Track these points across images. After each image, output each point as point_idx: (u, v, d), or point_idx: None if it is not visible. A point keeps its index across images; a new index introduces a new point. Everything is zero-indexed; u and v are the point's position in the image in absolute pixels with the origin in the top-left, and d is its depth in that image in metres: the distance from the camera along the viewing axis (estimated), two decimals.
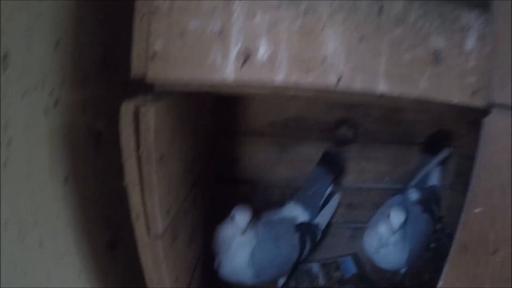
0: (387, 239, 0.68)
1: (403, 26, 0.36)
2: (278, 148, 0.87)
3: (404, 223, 0.68)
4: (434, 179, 0.88)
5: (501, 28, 0.38)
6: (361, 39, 0.35)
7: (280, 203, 0.81)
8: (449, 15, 0.37)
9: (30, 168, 0.38)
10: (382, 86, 0.35)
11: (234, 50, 0.33)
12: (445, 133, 0.88)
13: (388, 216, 0.67)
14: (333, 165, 0.84)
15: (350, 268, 0.85)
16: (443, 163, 0.88)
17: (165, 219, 0.38)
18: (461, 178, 0.91)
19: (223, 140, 0.82)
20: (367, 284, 0.80)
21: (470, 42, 0.38)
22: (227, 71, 0.33)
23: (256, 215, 0.68)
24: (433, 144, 0.88)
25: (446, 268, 0.51)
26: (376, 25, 0.35)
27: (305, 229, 0.76)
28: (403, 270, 0.79)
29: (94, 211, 0.48)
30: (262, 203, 0.83)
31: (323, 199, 0.83)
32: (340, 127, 0.86)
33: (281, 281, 0.76)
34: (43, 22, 0.40)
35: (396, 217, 0.67)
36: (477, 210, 0.47)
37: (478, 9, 0.40)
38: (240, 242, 0.64)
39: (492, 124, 0.39)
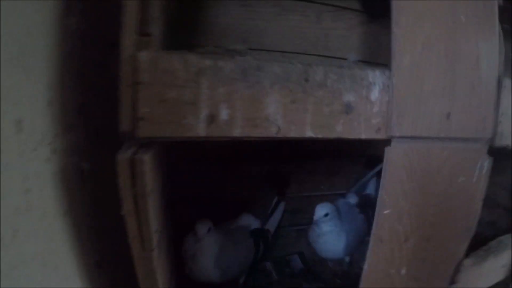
0: (320, 229, 0.88)
1: (324, 88, 0.53)
2: (227, 169, 1.04)
3: (339, 217, 0.89)
4: (371, 188, 1.12)
5: (396, 82, 0.57)
6: (293, 101, 0.51)
7: (234, 215, 0.97)
8: (358, 76, 0.55)
9: (41, 207, 0.49)
10: (309, 133, 0.52)
11: (203, 114, 0.47)
12: (376, 156, 1.13)
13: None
14: (276, 180, 1.04)
15: (298, 264, 1.03)
16: (377, 175, 1.11)
17: (155, 237, 0.51)
18: None
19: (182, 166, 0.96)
20: (313, 276, 0.98)
21: (374, 94, 0.57)
22: (198, 129, 0.47)
23: (216, 226, 0.83)
24: (370, 161, 1.11)
25: (368, 256, 0.69)
26: (303, 90, 0.51)
27: (258, 234, 0.92)
28: (347, 259, 0.98)
29: (86, 238, 0.59)
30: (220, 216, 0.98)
31: (271, 208, 1.01)
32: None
33: (242, 279, 0.91)
34: (42, 86, 0.51)
35: (319, 211, 0.86)
36: (386, 212, 0.66)
37: (380, 69, 0.58)
38: (205, 249, 0.79)
39: (392, 150, 0.57)
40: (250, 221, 0.95)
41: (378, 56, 1.02)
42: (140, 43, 0.45)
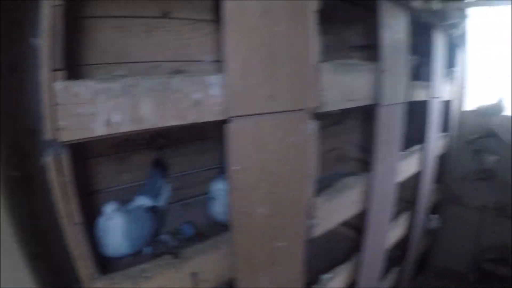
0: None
1: (180, 92, 0.85)
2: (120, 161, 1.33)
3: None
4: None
5: (228, 81, 0.91)
6: (160, 103, 0.82)
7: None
8: (203, 80, 0.88)
9: None
10: (172, 122, 0.84)
11: (101, 120, 0.76)
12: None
13: None
14: (161, 166, 1.36)
15: (189, 230, 1.37)
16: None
17: (79, 215, 0.78)
18: None
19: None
20: (204, 237, 1.27)
21: (215, 91, 0.90)
22: (99, 131, 0.76)
23: (120, 207, 1.11)
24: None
25: (229, 201, 1.02)
26: (166, 95, 0.83)
27: (153, 211, 1.22)
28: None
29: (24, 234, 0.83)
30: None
31: (160, 189, 1.33)
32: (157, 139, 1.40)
33: (146, 250, 1.21)
34: None
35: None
36: (234, 168, 0.99)
37: (218, 73, 0.92)
38: (113, 227, 1.06)
39: (231, 126, 0.92)
40: (145, 201, 1.26)
41: None
42: (54, 76, 0.71)
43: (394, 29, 1.60)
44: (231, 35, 0.91)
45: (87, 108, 0.74)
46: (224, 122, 0.93)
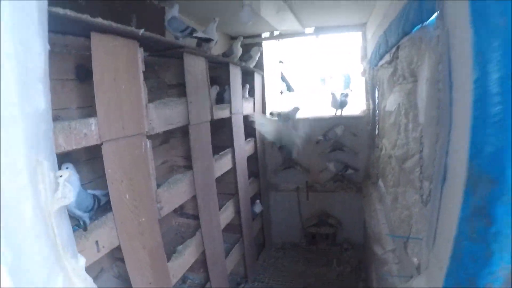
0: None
1: (74, 129, 1.62)
2: None
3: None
4: None
5: (98, 120, 1.71)
6: (62, 137, 1.58)
7: None
8: (86, 122, 1.67)
9: None
10: (74, 147, 1.60)
11: None
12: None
13: None
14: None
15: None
16: None
17: None
18: None
19: None
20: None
21: (91, 128, 1.70)
22: None
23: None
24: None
25: (109, 192, 1.81)
26: (68, 133, 1.59)
27: (95, 196, 1.81)
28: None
29: None
30: None
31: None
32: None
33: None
34: None
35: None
36: (109, 170, 1.80)
37: (91, 116, 1.71)
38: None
39: (104, 147, 1.73)
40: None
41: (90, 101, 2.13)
42: None
43: (195, 71, 2.61)
44: (98, 93, 1.67)
45: None
46: (101, 144, 1.71)
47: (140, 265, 1.92)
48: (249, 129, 4.04)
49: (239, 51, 3.62)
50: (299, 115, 4.29)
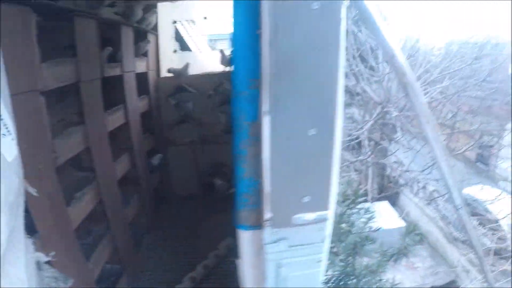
0: None
1: None
2: None
3: None
4: None
5: None
6: None
7: None
8: None
9: None
10: None
11: None
12: None
13: None
14: None
15: None
16: None
17: None
18: None
19: None
20: None
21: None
22: None
23: None
24: None
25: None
26: None
27: None
28: None
29: None
30: None
31: None
32: None
33: None
34: None
35: None
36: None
37: None
38: None
39: None
40: None
41: None
42: None
43: (85, 33, 2.86)
44: None
45: None
46: None
47: (41, 208, 2.25)
48: (144, 86, 4.34)
49: (137, 12, 3.88)
50: (191, 71, 4.68)
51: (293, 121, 0.96)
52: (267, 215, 1.02)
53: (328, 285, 4.16)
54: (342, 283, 4.11)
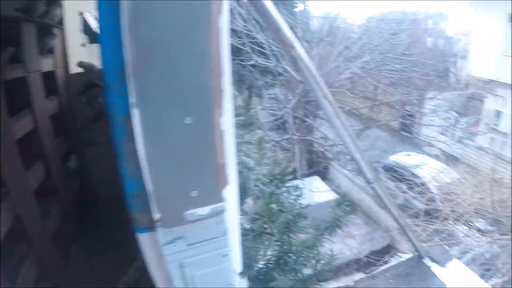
0: None
1: None
2: None
3: None
4: None
5: None
6: None
7: None
8: None
9: None
10: None
11: None
12: None
13: None
14: None
15: None
16: None
17: None
18: None
19: None
20: None
21: None
22: None
23: None
24: None
25: None
26: None
27: None
28: None
29: None
30: None
31: None
32: None
33: None
34: None
35: None
36: None
37: None
38: None
39: None
40: None
41: None
42: None
43: None
44: None
45: None
46: None
47: None
48: (52, 86, 4.07)
49: (39, 6, 3.59)
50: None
51: (165, 112, 0.90)
52: (156, 215, 0.98)
53: (268, 265, 4.26)
54: (281, 261, 4.22)
